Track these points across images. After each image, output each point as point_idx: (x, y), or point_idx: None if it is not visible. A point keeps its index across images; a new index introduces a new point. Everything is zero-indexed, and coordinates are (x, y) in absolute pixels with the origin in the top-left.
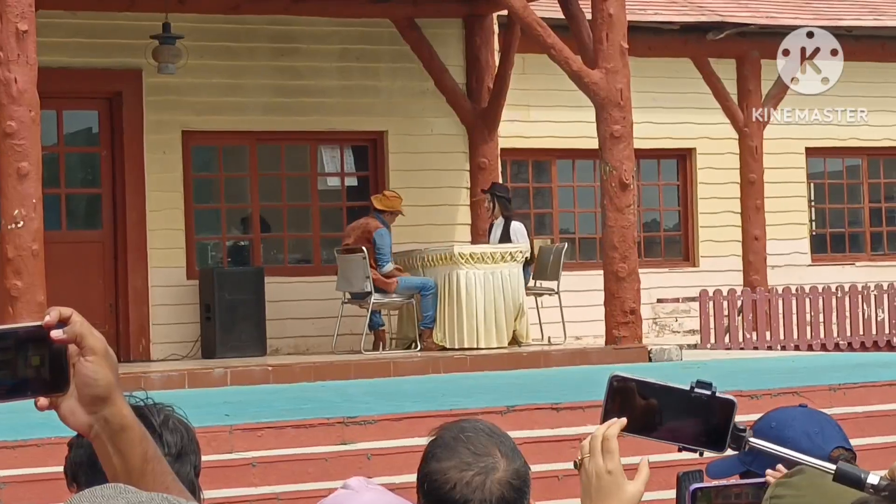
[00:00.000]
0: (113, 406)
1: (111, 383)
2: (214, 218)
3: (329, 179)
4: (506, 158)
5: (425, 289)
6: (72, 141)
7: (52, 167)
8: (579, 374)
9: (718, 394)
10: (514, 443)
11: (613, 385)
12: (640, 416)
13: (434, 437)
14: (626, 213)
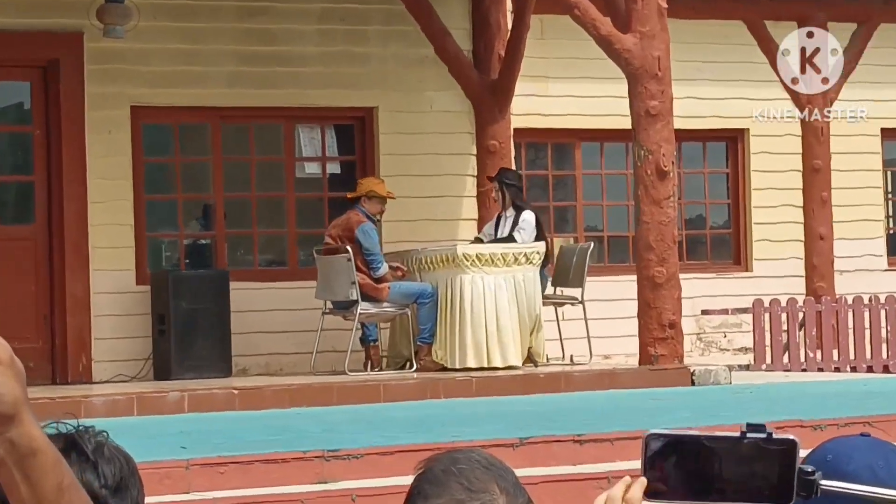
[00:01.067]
0: (21, 426)
1: (18, 399)
2: (170, 211)
3: (308, 165)
4: (520, 140)
5: (422, 297)
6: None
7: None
8: (607, 401)
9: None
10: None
11: (649, 446)
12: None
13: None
14: (664, 207)
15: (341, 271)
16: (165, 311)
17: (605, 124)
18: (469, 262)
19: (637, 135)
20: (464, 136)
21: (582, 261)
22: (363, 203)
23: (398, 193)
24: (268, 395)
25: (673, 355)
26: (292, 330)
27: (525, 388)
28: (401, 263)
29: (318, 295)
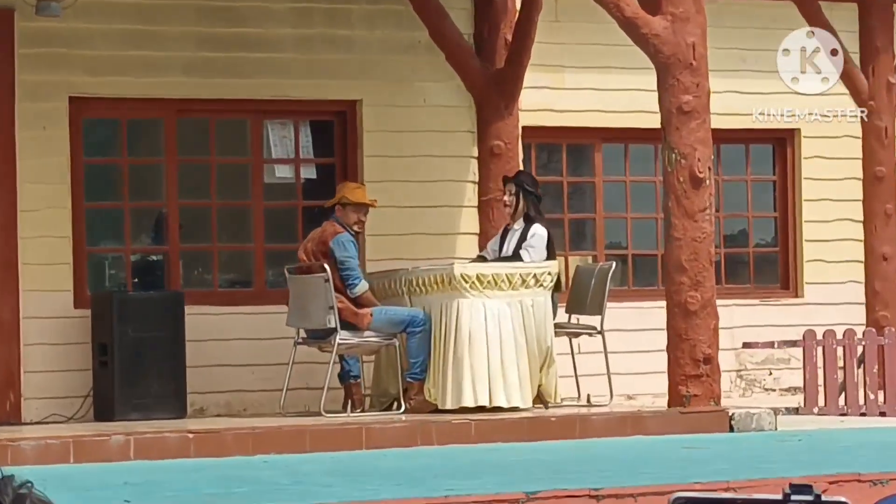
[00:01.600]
0: None
1: None
2: (115, 221)
3: (278, 168)
4: (529, 141)
5: (413, 325)
6: None
7: None
8: (630, 449)
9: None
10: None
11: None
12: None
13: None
14: (699, 221)
15: (317, 294)
16: (109, 340)
17: (630, 122)
18: (468, 285)
19: (668, 135)
20: (463, 135)
21: (602, 283)
22: (338, 212)
23: (385, 202)
24: (228, 440)
25: (708, 396)
26: (258, 363)
27: (533, 433)
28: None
29: (289, 322)
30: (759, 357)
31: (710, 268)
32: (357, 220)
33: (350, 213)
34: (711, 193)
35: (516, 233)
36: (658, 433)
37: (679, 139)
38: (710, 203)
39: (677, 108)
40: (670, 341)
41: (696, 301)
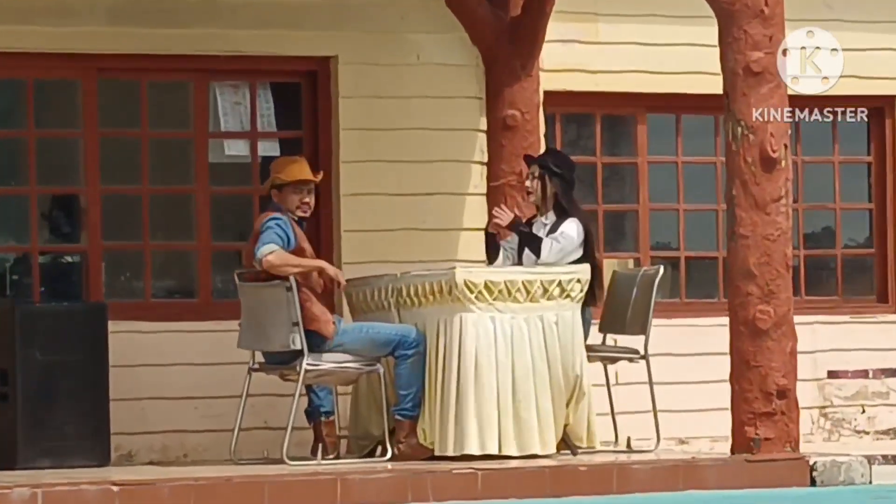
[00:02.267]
0: None
1: None
2: (17, 211)
3: (230, 144)
4: (553, 110)
5: (403, 346)
6: None
7: None
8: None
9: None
10: None
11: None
12: None
13: None
14: (772, 214)
15: (277, 307)
16: (10, 365)
17: (682, 87)
18: (474, 295)
19: (732, 103)
20: (468, 102)
21: (646, 295)
22: (274, 197)
23: (366, 189)
24: (164, 496)
25: (783, 439)
26: (203, 395)
27: (558, 487)
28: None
29: (241, 343)
30: (850, 390)
31: (787, 274)
32: (300, 203)
33: (289, 195)
34: (788, 178)
35: (545, 227)
36: (718, 487)
37: (747, 108)
38: (786, 191)
39: (744, 68)
40: (734, 369)
41: (769, 317)
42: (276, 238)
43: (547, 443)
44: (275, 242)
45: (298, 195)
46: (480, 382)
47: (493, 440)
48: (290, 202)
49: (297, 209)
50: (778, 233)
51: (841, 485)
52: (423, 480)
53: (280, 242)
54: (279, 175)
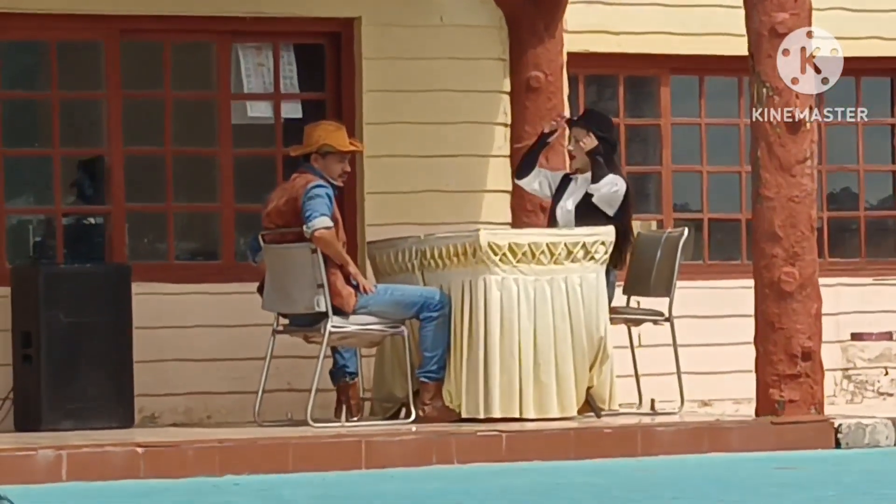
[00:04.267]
0: None
1: None
2: (41, 173)
3: (253, 106)
4: (576, 72)
5: (427, 308)
6: None
7: None
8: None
9: None
10: None
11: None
12: None
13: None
14: (797, 176)
15: (301, 268)
16: (33, 328)
17: (707, 48)
18: (498, 257)
19: (757, 64)
20: (492, 64)
21: (670, 257)
22: (315, 162)
23: (390, 150)
24: (189, 457)
25: (808, 402)
26: (226, 357)
27: (582, 449)
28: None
29: (266, 305)
30: (873, 352)
31: (812, 236)
32: (341, 172)
33: (333, 163)
34: (813, 140)
35: (580, 190)
36: (743, 449)
37: (772, 70)
38: (811, 153)
39: (769, 29)
40: (759, 331)
41: (793, 279)
42: (327, 210)
43: (568, 406)
44: (327, 216)
45: (341, 164)
46: (504, 345)
47: (515, 403)
48: (332, 170)
49: (336, 177)
50: (803, 194)
51: (866, 447)
52: (448, 443)
53: (330, 215)
54: (327, 143)
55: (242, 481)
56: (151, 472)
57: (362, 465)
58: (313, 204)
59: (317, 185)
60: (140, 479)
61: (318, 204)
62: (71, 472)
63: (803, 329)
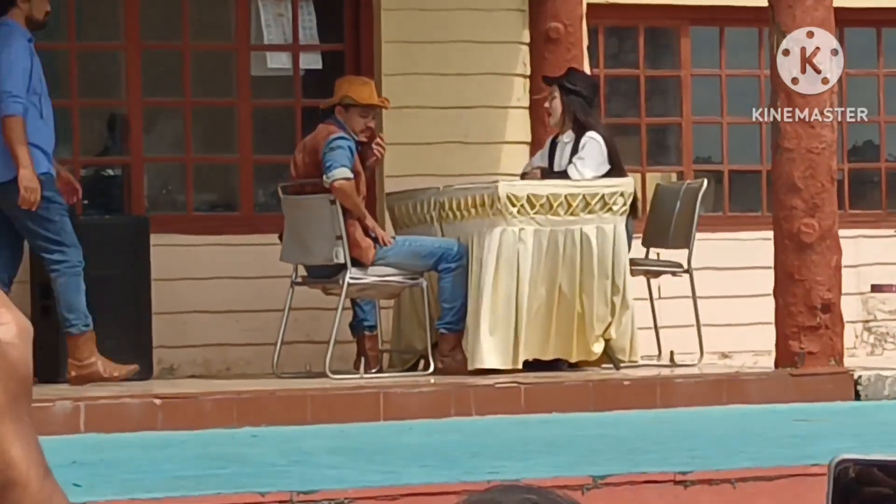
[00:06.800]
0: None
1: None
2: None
3: (272, 57)
4: (596, 23)
5: (446, 259)
6: None
7: None
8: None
9: None
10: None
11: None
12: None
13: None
14: (817, 127)
15: (320, 220)
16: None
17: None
18: (516, 209)
19: (777, 15)
20: (511, 14)
21: (689, 208)
22: (339, 114)
23: (408, 102)
24: (207, 409)
25: (827, 354)
26: (245, 309)
27: (601, 401)
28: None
29: (284, 256)
30: (893, 304)
31: (832, 188)
32: (364, 127)
33: (356, 116)
34: (834, 91)
35: (567, 145)
36: (762, 401)
37: (791, 20)
38: (831, 103)
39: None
40: (779, 283)
41: (813, 231)
42: (347, 162)
43: (592, 353)
44: (346, 167)
45: (364, 119)
46: (520, 296)
47: (533, 352)
48: (355, 123)
49: (361, 132)
50: (823, 146)
51: (885, 399)
52: (466, 394)
53: (350, 166)
54: (350, 95)
55: (260, 433)
56: (169, 423)
57: (381, 417)
58: (334, 155)
59: (338, 137)
60: (158, 431)
61: (338, 155)
62: (89, 423)
63: (823, 281)
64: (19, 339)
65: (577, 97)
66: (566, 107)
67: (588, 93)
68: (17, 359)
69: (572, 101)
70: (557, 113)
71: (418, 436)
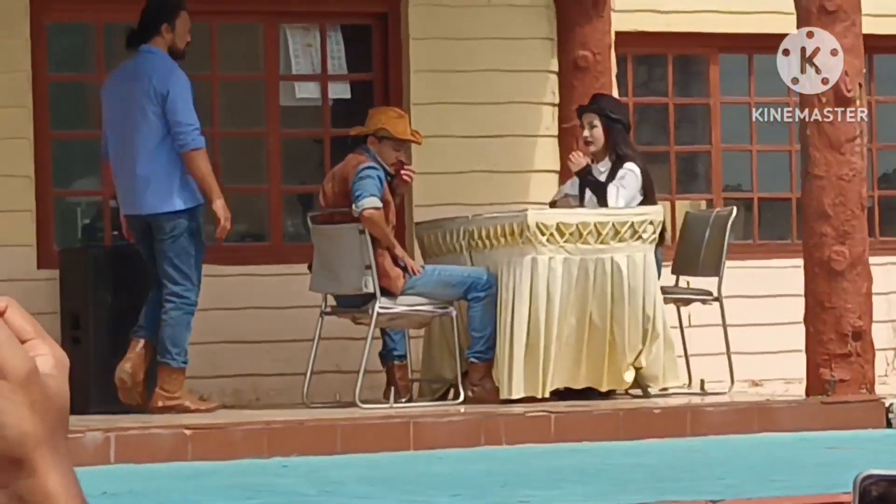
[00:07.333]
0: (34, 476)
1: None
2: (89, 155)
3: (301, 87)
4: (625, 51)
5: (475, 288)
6: None
7: None
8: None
9: None
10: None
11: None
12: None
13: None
14: (847, 154)
15: (349, 249)
16: (82, 310)
17: (755, 27)
18: (546, 237)
19: None
20: (539, 43)
21: (719, 236)
22: (371, 145)
23: (437, 131)
24: (237, 439)
25: (858, 381)
26: (275, 339)
27: (631, 429)
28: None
29: (314, 286)
30: None
31: (862, 215)
32: (396, 160)
33: (388, 149)
34: (864, 119)
35: (602, 174)
36: (793, 429)
37: None
38: (861, 131)
39: (818, 6)
40: (809, 311)
41: (843, 258)
42: (376, 191)
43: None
44: (376, 196)
45: (396, 152)
46: (550, 325)
47: (562, 381)
48: (386, 156)
49: (391, 163)
50: (853, 173)
51: None
52: (496, 423)
53: (379, 196)
54: (387, 127)
55: (290, 463)
56: (199, 454)
57: (410, 447)
58: (363, 184)
59: (368, 167)
60: (188, 461)
61: (367, 184)
62: (119, 453)
63: (853, 308)
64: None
65: (618, 125)
66: (609, 135)
67: (624, 119)
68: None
69: (614, 129)
70: (600, 142)
71: (448, 465)
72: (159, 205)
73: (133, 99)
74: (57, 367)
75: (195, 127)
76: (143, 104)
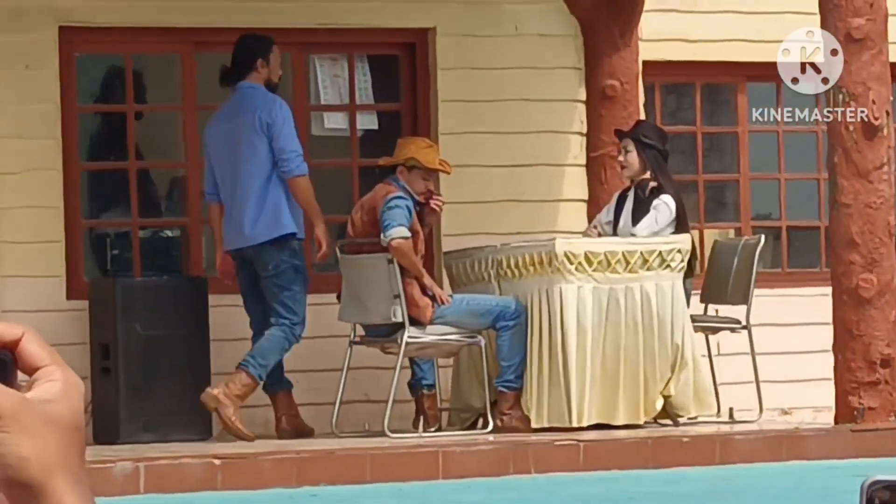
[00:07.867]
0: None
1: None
2: (119, 187)
3: (329, 117)
4: (653, 80)
5: (503, 317)
6: None
7: None
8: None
9: None
10: None
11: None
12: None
13: None
14: (875, 182)
15: (378, 279)
16: (111, 340)
17: None
18: (574, 266)
19: None
20: (567, 73)
21: (747, 264)
22: (401, 174)
23: (465, 161)
24: (266, 468)
25: (887, 409)
26: (304, 368)
27: (660, 458)
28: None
29: (343, 315)
30: None
31: (890, 243)
32: (425, 189)
33: (417, 178)
34: (891, 146)
35: (639, 202)
36: (822, 457)
37: (848, 76)
38: (889, 159)
39: (845, 34)
40: (837, 339)
41: (872, 286)
42: (405, 221)
43: (652, 410)
44: (404, 226)
45: (425, 181)
46: (580, 354)
47: (592, 410)
48: (416, 185)
49: (420, 194)
50: (880, 201)
51: None
52: (525, 452)
53: (408, 225)
54: (417, 157)
55: (319, 492)
56: (229, 483)
57: (439, 475)
58: (392, 214)
59: (397, 197)
60: (217, 491)
61: (396, 214)
62: (149, 484)
63: (882, 336)
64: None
65: (654, 152)
66: (644, 161)
67: (662, 146)
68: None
69: (650, 155)
70: (634, 166)
71: (477, 494)
72: (266, 233)
73: (240, 134)
74: (63, 393)
75: (299, 153)
76: (250, 137)
